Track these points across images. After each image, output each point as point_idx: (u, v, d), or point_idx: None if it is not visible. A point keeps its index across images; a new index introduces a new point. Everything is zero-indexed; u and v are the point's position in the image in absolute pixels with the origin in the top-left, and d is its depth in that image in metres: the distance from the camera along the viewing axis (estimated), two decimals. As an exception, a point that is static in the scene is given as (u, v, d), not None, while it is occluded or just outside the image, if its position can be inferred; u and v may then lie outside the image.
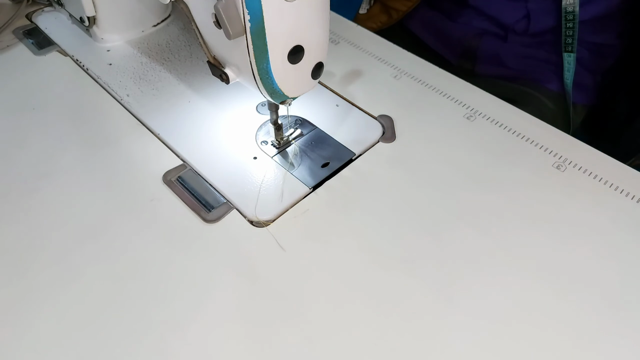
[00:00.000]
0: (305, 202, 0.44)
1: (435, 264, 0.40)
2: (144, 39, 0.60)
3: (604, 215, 0.43)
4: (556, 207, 0.44)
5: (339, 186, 0.45)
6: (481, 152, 0.48)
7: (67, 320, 0.37)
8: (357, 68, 0.58)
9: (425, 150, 0.49)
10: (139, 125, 0.50)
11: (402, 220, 0.43)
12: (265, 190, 0.44)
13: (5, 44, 0.59)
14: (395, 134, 0.50)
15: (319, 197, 0.44)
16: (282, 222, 0.43)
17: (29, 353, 0.35)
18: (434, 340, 0.36)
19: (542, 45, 0.75)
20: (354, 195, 0.45)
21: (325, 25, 0.38)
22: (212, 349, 0.35)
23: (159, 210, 0.43)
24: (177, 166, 0.47)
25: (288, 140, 0.49)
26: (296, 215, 0.43)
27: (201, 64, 0.56)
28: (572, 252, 0.41)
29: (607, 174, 0.46)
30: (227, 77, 0.40)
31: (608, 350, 0.35)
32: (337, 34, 0.62)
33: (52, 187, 0.45)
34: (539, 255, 0.40)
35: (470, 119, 0.52)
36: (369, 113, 0.52)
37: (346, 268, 0.39)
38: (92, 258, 0.40)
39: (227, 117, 0.51)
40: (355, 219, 0.43)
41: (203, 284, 0.39)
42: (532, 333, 0.36)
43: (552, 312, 0.37)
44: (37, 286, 0.38)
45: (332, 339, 0.35)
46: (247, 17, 0.33)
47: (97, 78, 0.55)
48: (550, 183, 0.46)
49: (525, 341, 0.35)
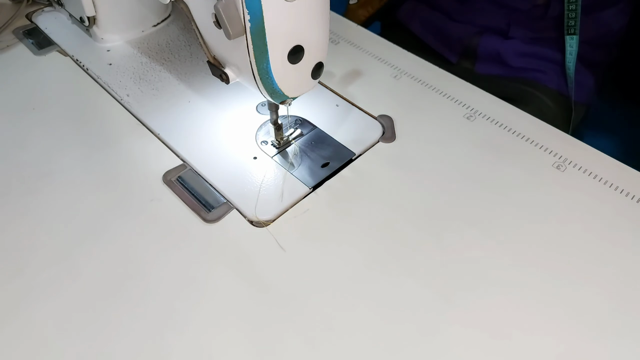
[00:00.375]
0: (306, 202, 0.44)
1: (436, 264, 0.40)
2: (144, 39, 0.60)
3: (604, 215, 0.43)
4: (556, 207, 0.44)
5: (339, 186, 0.45)
6: (481, 152, 0.48)
7: (67, 320, 0.37)
8: (357, 68, 0.58)
9: (425, 150, 0.49)
10: (139, 125, 0.50)
11: (402, 220, 0.43)
12: (265, 190, 0.44)
13: (5, 44, 0.59)
14: (395, 134, 0.50)
15: (319, 197, 0.44)
16: (282, 222, 0.43)
17: (29, 353, 0.35)
18: (435, 340, 0.36)
19: (543, 42, 0.75)
20: (354, 195, 0.45)
21: (325, 25, 0.38)
22: (211, 348, 0.35)
23: (159, 210, 0.43)
24: (177, 166, 0.47)
25: (288, 140, 0.49)
26: (296, 215, 0.43)
27: (201, 64, 0.57)
28: (572, 252, 0.41)
29: (607, 174, 0.46)
30: (227, 77, 0.40)
31: (608, 350, 0.35)
32: (337, 34, 0.62)
33: (52, 187, 0.45)
34: (539, 254, 0.40)
35: (470, 119, 0.52)
36: (369, 113, 0.52)
37: (346, 268, 0.39)
38: (92, 258, 0.40)
39: (227, 117, 0.51)
40: (355, 218, 0.43)
41: (203, 284, 0.39)
42: (531, 333, 0.36)
43: (551, 312, 0.37)
44: (37, 286, 0.38)
45: (332, 340, 0.35)
46: (247, 17, 0.33)
47: (97, 78, 0.55)
48: (550, 183, 0.46)
49: (526, 341, 0.35)
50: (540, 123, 0.51)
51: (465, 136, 0.50)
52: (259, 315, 0.37)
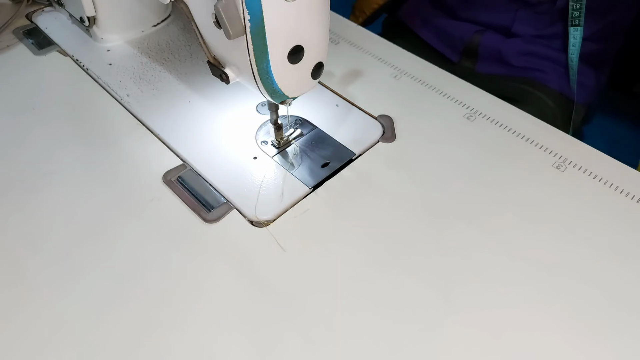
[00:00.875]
0: (305, 202, 0.44)
1: (435, 264, 0.40)
2: (144, 38, 0.60)
3: (604, 215, 0.43)
4: (556, 207, 0.44)
5: (339, 186, 0.45)
6: (481, 152, 0.48)
7: (67, 320, 0.37)
8: (357, 68, 0.58)
9: (425, 150, 0.48)
10: (139, 125, 0.50)
11: (402, 220, 0.43)
12: (265, 190, 0.44)
13: (5, 44, 0.59)
14: (395, 134, 0.50)
15: (319, 197, 0.44)
16: (282, 222, 0.42)
17: (29, 353, 0.35)
18: (435, 339, 0.36)
19: (546, 39, 0.75)
20: (354, 195, 0.45)
21: (325, 25, 0.38)
22: (211, 348, 0.35)
23: (159, 210, 0.43)
24: (177, 166, 0.47)
25: (288, 140, 0.49)
26: (296, 215, 0.43)
27: (201, 64, 0.56)
28: (571, 252, 0.41)
29: (607, 174, 0.46)
30: (227, 77, 0.40)
31: (608, 350, 0.35)
32: (337, 34, 0.62)
33: (52, 187, 0.45)
34: (539, 254, 0.40)
35: (470, 119, 0.52)
36: (369, 113, 0.52)
37: (346, 268, 0.39)
38: (92, 258, 0.40)
39: (227, 117, 0.51)
40: (355, 218, 0.43)
41: (203, 283, 0.39)
42: (531, 333, 0.36)
43: (551, 312, 0.37)
44: (37, 286, 0.38)
45: (332, 340, 0.35)
46: (247, 17, 0.33)
47: (97, 78, 0.55)
48: (550, 183, 0.46)
49: (524, 341, 0.35)
50: (541, 123, 0.51)
51: (465, 136, 0.50)
52: (259, 315, 0.37)
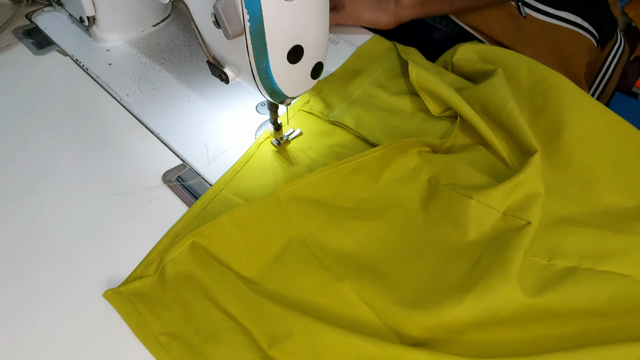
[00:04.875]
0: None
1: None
2: (143, 38, 0.60)
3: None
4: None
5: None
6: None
7: (67, 320, 0.37)
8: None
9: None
10: (139, 125, 0.50)
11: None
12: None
13: (5, 44, 0.59)
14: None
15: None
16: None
17: (29, 353, 0.35)
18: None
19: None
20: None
21: (325, 25, 0.38)
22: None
23: (159, 210, 0.43)
24: (177, 166, 0.47)
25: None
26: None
27: (201, 63, 0.56)
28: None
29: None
30: (226, 77, 0.40)
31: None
32: (337, 34, 0.62)
33: (52, 187, 0.45)
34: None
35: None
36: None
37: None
38: (92, 258, 0.40)
39: (227, 116, 0.51)
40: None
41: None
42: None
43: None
44: (37, 286, 0.38)
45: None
46: (247, 17, 0.33)
47: (97, 78, 0.55)
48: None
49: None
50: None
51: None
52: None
